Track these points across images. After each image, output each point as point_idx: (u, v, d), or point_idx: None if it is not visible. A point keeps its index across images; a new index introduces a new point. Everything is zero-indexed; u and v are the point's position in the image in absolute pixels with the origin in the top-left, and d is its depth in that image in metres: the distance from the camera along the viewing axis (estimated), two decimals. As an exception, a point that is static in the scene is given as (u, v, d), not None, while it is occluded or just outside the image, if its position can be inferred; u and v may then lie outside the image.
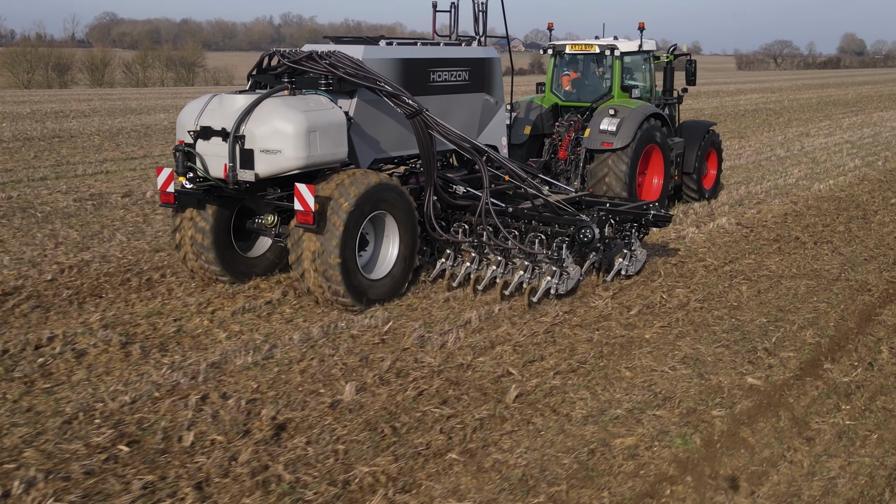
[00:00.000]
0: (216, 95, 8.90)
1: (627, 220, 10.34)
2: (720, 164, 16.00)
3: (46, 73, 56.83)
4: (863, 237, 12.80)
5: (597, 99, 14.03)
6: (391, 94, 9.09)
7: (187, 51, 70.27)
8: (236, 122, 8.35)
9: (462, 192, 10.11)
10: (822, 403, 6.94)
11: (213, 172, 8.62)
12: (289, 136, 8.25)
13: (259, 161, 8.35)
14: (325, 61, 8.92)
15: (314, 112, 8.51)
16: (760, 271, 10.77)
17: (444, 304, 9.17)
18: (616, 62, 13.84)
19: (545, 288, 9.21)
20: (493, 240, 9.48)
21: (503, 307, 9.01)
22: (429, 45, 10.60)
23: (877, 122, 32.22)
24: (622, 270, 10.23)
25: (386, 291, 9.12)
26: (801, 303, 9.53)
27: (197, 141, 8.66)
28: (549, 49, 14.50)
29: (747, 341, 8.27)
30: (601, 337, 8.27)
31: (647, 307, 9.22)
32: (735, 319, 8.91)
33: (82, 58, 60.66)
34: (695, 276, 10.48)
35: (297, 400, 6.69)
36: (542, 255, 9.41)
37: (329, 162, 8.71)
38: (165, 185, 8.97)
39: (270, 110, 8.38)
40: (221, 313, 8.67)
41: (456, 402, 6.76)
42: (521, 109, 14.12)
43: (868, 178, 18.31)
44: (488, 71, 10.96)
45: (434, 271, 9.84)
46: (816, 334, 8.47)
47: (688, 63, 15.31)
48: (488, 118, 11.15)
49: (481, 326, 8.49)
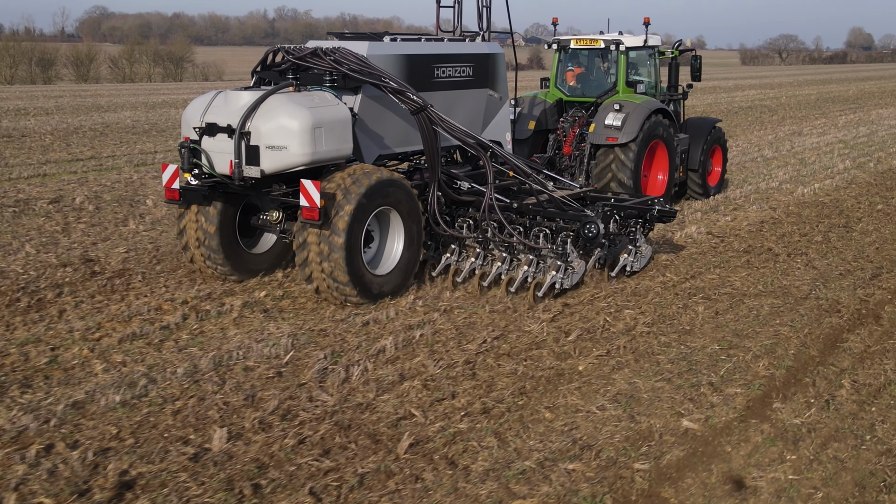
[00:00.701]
0: (221, 92, 8.89)
1: (632, 215, 10.29)
2: (725, 162, 15.81)
3: (30, 68, 55.81)
4: (841, 248, 11.86)
5: (601, 94, 13.83)
6: (396, 90, 9.06)
7: (175, 45, 69.12)
8: (242, 118, 8.38)
9: (466, 187, 10.11)
10: (764, 452, 6.03)
11: (218, 169, 8.66)
12: (294, 133, 8.30)
13: (264, 157, 8.40)
14: (329, 57, 8.94)
15: (319, 108, 8.56)
16: (723, 288, 9.85)
17: (361, 328, 8.27)
18: (621, 57, 13.70)
19: (550, 282, 9.17)
20: (497, 235, 9.47)
21: (423, 333, 8.13)
22: (433, 41, 10.59)
23: (875, 119, 31.18)
24: (627, 266, 10.11)
25: (391, 286, 9.09)
26: (761, 326, 8.61)
27: (202, 137, 8.72)
28: (554, 44, 14.40)
29: (693, 373, 7.36)
30: (527, 369, 7.37)
31: (588, 332, 8.31)
32: (684, 346, 8.00)
33: (67, 53, 59.61)
34: (648, 294, 9.55)
35: (156, 450, 5.81)
36: (546, 251, 9.37)
37: (334, 158, 8.76)
38: (170, 181, 8.97)
39: (276, 106, 8.43)
40: (108, 340, 7.78)
41: (340, 452, 5.87)
42: (526, 105, 14.02)
43: (857, 181, 17.35)
44: (492, 67, 10.93)
45: (439, 267, 9.78)
46: (772, 365, 7.56)
47: (693, 59, 15.18)
48: (492, 114, 11.13)
49: (396, 356, 7.60)
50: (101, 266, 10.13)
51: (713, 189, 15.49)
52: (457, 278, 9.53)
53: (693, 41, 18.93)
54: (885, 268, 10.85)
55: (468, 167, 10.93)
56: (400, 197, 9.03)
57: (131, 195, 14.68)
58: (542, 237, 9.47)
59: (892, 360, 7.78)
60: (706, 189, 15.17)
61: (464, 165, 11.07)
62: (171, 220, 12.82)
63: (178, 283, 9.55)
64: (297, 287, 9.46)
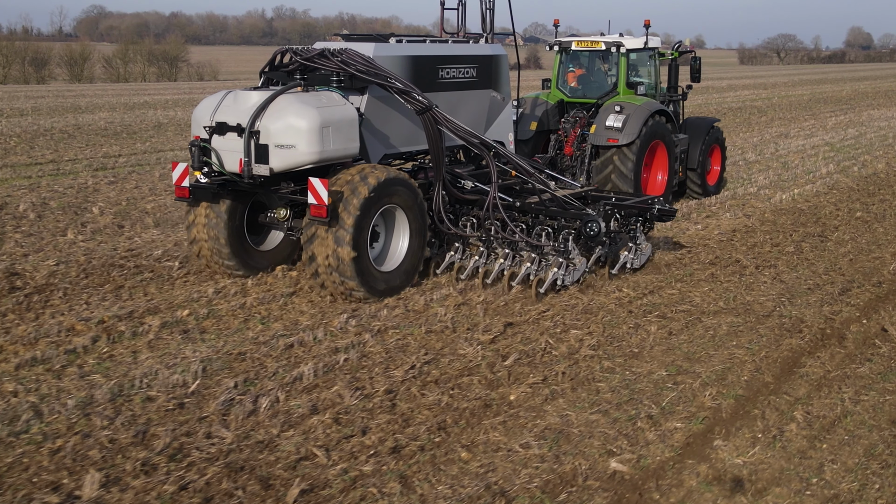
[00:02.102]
0: (231, 92, 9.08)
1: (633, 214, 10.41)
2: (724, 161, 15.90)
3: (23, 67, 55.27)
4: (813, 260, 11.28)
5: (602, 95, 14.02)
6: (401, 90, 9.24)
7: (170, 45, 68.58)
8: (251, 117, 8.56)
9: (470, 186, 10.29)
10: (696, 501, 5.45)
11: (228, 167, 8.84)
12: (303, 132, 8.48)
13: (273, 156, 8.58)
14: (336, 58, 9.09)
15: (327, 108, 8.74)
16: (681, 305, 9.27)
17: (283, 352, 7.69)
18: (621, 59, 13.82)
19: (552, 279, 9.36)
20: (500, 233, 9.63)
21: (344, 357, 7.55)
22: (437, 42, 10.68)
23: (865, 121, 30.57)
24: (627, 264, 10.28)
25: (397, 283, 9.27)
26: (716, 348, 8.04)
27: (212, 136, 8.90)
28: (555, 45, 14.51)
29: (633, 404, 6.78)
30: (453, 399, 6.79)
31: (527, 355, 7.73)
32: (629, 372, 7.42)
33: (60, 52, 59.07)
34: (599, 312, 8.97)
35: (18, 498, 5.23)
36: (548, 248, 9.52)
37: (341, 157, 8.94)
38: (180, 180, 9.16)
39: (285, 106, 8.61)
40: (4, 366, 7.21)
41: (222, 501, 5.29)
42: (528, 106, 14.14)
43: (838, 186, 16.76)
44: (495, 68, 11.08)
45: (443, 264, 9.99)
46: (720, 394, 6.98)
47: (692, 60, 15.31)
48: (495, 114, 11.28)
49: (314, 384, 7.01)
50: (24, 280, 9.56)
51: (712, 188, 15.59)
52: (461, 275, 9.74)
53: (692, 41, 19.02)
54: (857, 282, 10.28)
55: (471, 167, 11.08)
56: (405, 195, 9.23)
57: (80, 202, 14.09)
58: (544, 235, 9.59)
59: (852, 388, 7.20)
60: (705, 188, 15.29)
61: (467, 165, 11.19)
62: (112, 230, 12.26)
63: (100, 300, 8.98)
64: (225, 304, 8.89)
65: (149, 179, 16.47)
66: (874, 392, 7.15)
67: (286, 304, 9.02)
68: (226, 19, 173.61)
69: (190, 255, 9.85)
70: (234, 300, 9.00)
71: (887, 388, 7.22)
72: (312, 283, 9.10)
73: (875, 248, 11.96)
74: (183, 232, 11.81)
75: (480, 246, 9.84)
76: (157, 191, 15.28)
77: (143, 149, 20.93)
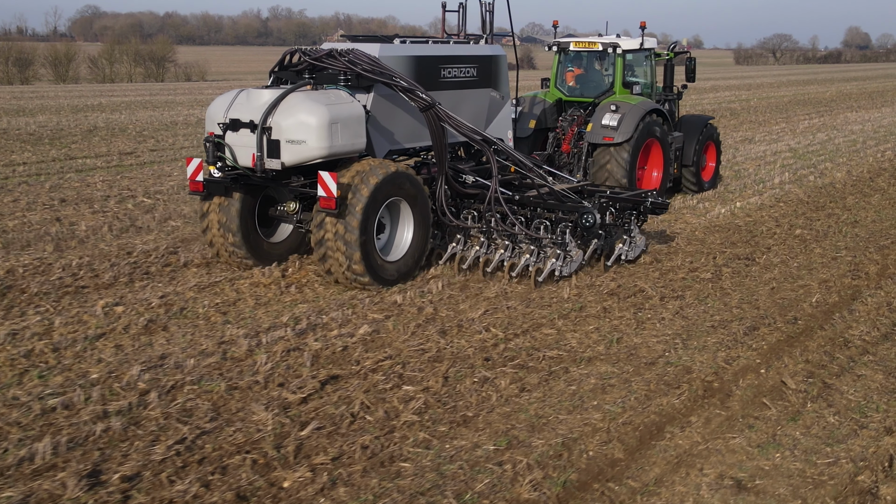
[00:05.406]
0: (244, 90, 9.52)
1: (627, 207, 10.79)
2: (719, 157, 16.26)
3: (7, 68, 54.11)
4: (729, 289, 9.93)
5: (599, 95, 14.37)
6: (406, 89, 9.65)
7: (157, 45, 67.38)
8: (263, 114, 9.00)
9: (471, 181, 10.65)
10: None
11: (241, 162, 9.30)
12: (313, 128, 8.90)
13: (285, 151, 9.01)
14: (344, 58, 9.51)
15: (336, 105, 9.15)
16: (551, 351, 7.90)
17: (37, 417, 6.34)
18: (618, 59, 14.24)
19: (549, 269, 9.80)
20: (500, 225, 10.07)
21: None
22: (439, 43, 11.03)
23: (839, 124, 29.17)
24: (622, 256, 10.65)
25: (401, 273, 9.76)
26: (570, 410, 6.69)
27: (226, 132, 9.33)
28: (554, 46, 14.88)
29: (430, 495, 5.43)
30: (206, 491, 5.40)
31: (333, 422, 6.35)
32: (447, 447, 6.05)
33: (45, 52, 57.85)
34: (450, 360, 7.61)
35: None
36: (546, 240, 9.94)
37: (349, 152, 9.36)
38: (195, 174, 9.55)
39: (295, 103, 9.04)
40: None
41: None
42: (527, 104, 14.48)
43: (787, 199, 15.40)
44: (495, 68, 11.51)
45: (445, 255, 10.43)
46: (547, 479, 5.63)
47: (688, 60, 15.63)
48: (495, 112, 11.69)
49: (53, 463, 5.66)
50: None
51: (707, 184, 15.86)
52: (462, 265, 10.11)
53: (689, 41, 19.22)
54: (770, 318, 8.92)
55: (472, 162, 11.49)
56: (410, 189, 9.68)
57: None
58: (542, 228, 10.00)
59: (715, 469, 5.85)
60: (700, 184, 15.57)
61: (468, 161, 11.59)
62: (17, 243, 10.93)
63: None
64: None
65: (34, 192, 15.11)
66: (743, 472, 5.80)
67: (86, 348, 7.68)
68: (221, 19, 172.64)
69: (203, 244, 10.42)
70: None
71: (760, 468, 5.87)
72: (320, 269, 9.50)
73: (805, 274, 10.61)
74: (35, 257, 10.50)
75: (481, 237, 10.24)
76: (34, 206, 13.90)
77: (56, 156, 19.59)
